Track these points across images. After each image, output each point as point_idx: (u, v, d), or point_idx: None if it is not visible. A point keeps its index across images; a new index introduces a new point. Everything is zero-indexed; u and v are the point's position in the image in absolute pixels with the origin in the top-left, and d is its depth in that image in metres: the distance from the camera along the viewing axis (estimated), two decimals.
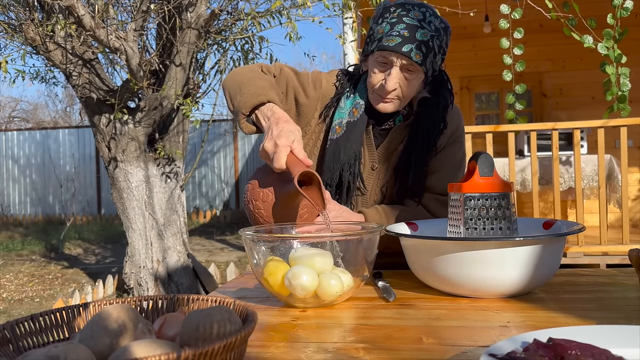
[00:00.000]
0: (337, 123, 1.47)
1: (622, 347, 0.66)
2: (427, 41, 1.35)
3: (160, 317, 0.71)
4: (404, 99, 1.43)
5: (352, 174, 1.46)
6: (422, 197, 1.50)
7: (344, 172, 1.46)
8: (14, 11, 4.32)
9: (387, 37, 1.35)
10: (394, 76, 1.37)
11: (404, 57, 1.35)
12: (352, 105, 1.48)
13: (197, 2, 4.31)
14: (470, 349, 0.78)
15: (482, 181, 1.14)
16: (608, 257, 4.24)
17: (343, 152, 1.45)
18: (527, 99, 6.36)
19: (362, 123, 1.47)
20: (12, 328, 0.66)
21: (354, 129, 1.46)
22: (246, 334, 0.60)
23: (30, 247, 8.13)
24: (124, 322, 0.61)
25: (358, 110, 1.47)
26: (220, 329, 0.60)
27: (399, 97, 1.42)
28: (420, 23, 1.35)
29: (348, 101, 1.49)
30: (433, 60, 1.38)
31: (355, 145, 1.46)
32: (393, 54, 1.35)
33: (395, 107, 1.44)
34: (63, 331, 0.72)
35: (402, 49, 1.33)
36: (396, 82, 1.38)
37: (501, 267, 1.00)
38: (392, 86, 1.38)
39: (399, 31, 1.34)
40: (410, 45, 1.33)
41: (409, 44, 1.33)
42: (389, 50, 1.35)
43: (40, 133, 12.83)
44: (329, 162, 1.46)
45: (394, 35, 1.34)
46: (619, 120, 3.99)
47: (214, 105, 5.08)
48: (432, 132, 1.47)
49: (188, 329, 0.61)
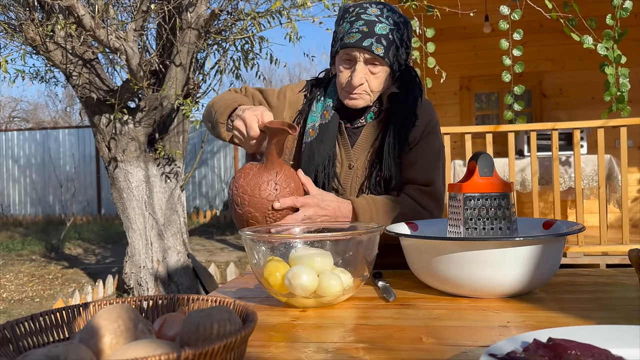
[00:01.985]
0: (310, 126, 1.53)
1: (622, 347, 0.66)
2: (387, 34, 1.41)
3: (160, 317, 0.71)
4: (373, 93, 1.48)
5: (327, 175, 1.50)
6: (401, 189, 1.52)
7: (318, 173, 1.50)
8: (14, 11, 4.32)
9: (347, 35, 1.43)
10: (358, 71, 1.43)
11: (366, 51, 1.41)
12: (323, 108, 1.54)
13: (197, 2, 4.31)
14: (470, 349, 0.78)
15: (482, 181, 1.14)
16: (608, 257, 4.24)
17: (317, 154, 1.50)
18: (527, 99, 6.37)
19: (334, 124, 1.52)
20: (12, 328, 0.66)
21: (327, 130, 1.51)
22: (246, 334, 0.60)
23: (30, 247, 8.13)
24: (124, 322, 0.61)
25: (329, 112, 1.53)
26: (220, 329, 0.60)
27: (367, 92, 1.46)
28: (378, 18, 1.42)
29: (319, 104, 1.55)
30: (396, 54, 1.44)
31: (329, 147, 1.50)
32: (355, 49, 1.41)
33: (365, 102, 1.49)
34: (63, 331, 0.72)
35: (363, 43, 1.40)
36: (361, 76, 1.43)
37: (501, 267, 1.00)
38: (358, 81, 1.43)
39: (359, 27, 1.41)
40: (370, 40, 1.40)
41: (369, 38, 1.40)
42: (350, 47, 1.42)
43: (40, 133, 12.83)
44: (304, 164, 1.50)
45: (354, 32, 1.41)
46: (618, 120, 3.99)
47: None
48: (402, 126, 1.50)
49: (188, 329, 0.61)
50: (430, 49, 3.96)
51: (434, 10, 3.97)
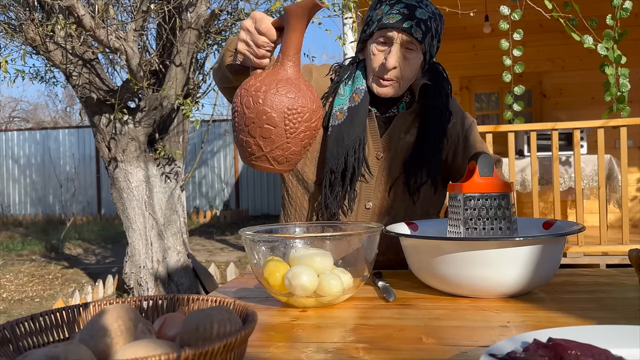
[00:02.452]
0: (337, 109, 1.45)
1: (622, 347, 0.66)
2: (426, 20, 1.38)
3: (161, 317, 0.71)
4: (403, 80, 1.42)
5: (357, 159, 1.43)
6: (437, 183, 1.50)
7: (348, 157, 1.42)
8: (14, 11, 4.32)
9: (387, 15, 1.38)
10: (394, 53, 1.38)
11: (405, 33, 1.36)
12: (351, 91, 1.47)
13: (197, 2, 4.31)
14: (470, 349, 0.78)
15: (482, 181, 1.14)
16: (608, 257, 4.24)
17: (347, 137, 1.42)
18: (527, 99, 6.36)
19: (364, 107, 1.44)
20: (12, 328, 0.66)
21: (357, 113, 1.44)
22: (246, 334, 0.60)
23: (30, 247, 8.13)
24: (124, 322, 0.61)
25: (358, 95, 1.46)
26: (220, 329, 0.60)
27: (397, 79, 1.41)
28: (418, 4, 1.39)
29: (347, 87, 1.48)
30: (431, 43, 1.41)
31: (359, 129, 1.43)
32: (394, 30, 1.37)
33: (394, 91, 1.43)
34: (63, 331, 0.72)
35: (403, 24, 1.36)
36: (396, 59, 1.38)
37: (501, 267, 1.00)
38: (393, 63, 1.38)
39: (399, 10, 1.37)
40: (411, 22, 1.36)
41: (409, 20, 1.36)
42: (389, 28, 1.37)
43: (40, 133, 12.83)
44: (332, 147, 1.43)
45: (395, 13, 1.37)
46: (618, 121, 3.99)
47: (214, 105, 5.09)
48: (440, 121, 1.47)
49: (188, 329, 0.61)
50: None
51: None
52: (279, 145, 1.07)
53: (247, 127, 1.06)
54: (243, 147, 1.10)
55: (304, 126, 1.07)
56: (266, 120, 1.05)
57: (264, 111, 1.04)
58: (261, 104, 1.04)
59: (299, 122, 1.06)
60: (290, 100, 1.05)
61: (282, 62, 1.08)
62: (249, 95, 1.07)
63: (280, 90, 1.05)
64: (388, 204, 1.50)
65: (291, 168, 1.12)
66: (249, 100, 1.06)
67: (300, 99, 1.06)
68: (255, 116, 1.05)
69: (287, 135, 1.06)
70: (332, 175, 1.44)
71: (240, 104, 1.08)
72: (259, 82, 1.07)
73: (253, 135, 1.07)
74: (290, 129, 1.06)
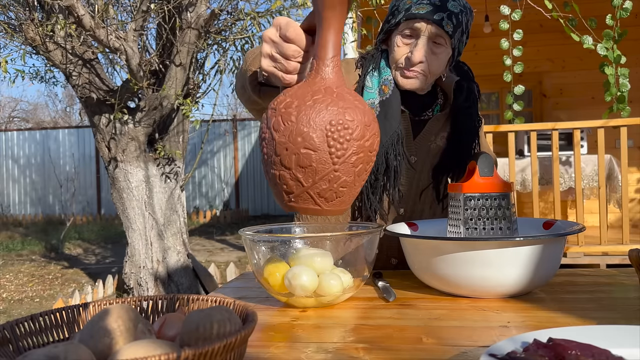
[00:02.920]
0: (368, 104, 1.30)
1: (623, 347, 0.66)
2: (458, 14, 1.28)
3: (160, 317, 0.71)
4: (430, 75, 1.33)
5: (397, 154, 1.33)
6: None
7: (389, 155, 1.32)
8: (14, 11, 4.32)
9: (416, 5, 1.27)
10: (421, 46, 1.28)
11: (435, 25, 1.26)
12: (379, 82, 1.36)
13: (197, 2, 4.31)
14: (471, 349, 0.78)
15: (482, 181, 1.14)
16: (608, 257, 4.24)
17: (383, 133, 1.30)
18: (527, 99, 6.36)
19: (396, 99, 1.33)
20: (12, 328, 0.66)
21: (390, 106, 1.33)
22: (246, 334, 0.60)
23: (30, 247, 8.13)
24: (124, 322, 0.61)
25: (388, 87, 1.34)
26: (220, 329, 0.60)
27: (424, 73, 1.32)
28: None
29: (374, 80, 1.37)
30: (460, 38, 1.31)
31: (395, 124, 1.32)
32: (423, 21, 1.27)
33: (421, 84, 1.33)
34: (63, 331, 0.72)
35: (434, 16, 1.26)
36: (423, 53, 1.29)
37: (501, 267, 1.00)
38: (420, 57, 1.28)
39: (431, 0, 1.27)
40: (442, 14, 1.26)
41: (441, 12, 1.26)
42: (419, 18, 1.27)
43: (40, 133, 12.83)
44: None
45: (425, 4, 1.27)
46: (619, 121, 3.99)
47: (214, 105, 5.08)
48: (473, 124, 1.40)
49: (188, 329, 0.61)
50: None
51: None
52: (323, 175, 0.80)
53: (279, 156, 0.80)
54: (277, 186, 0.83)
55: (355, 146, 0.80)
56: (303, 142, 0.78)
57: (299, 131, 0.78)
58: (294, 122, 0.79)
59: (347, 140, 0.79)
60: (332, 113, 0.79)
61: (318, 69, 0.83)
62: (277, 115, 0.81)
63: (317, 101, 0.80)
64: (419, 210, 1.44)
65: (345, 208, 0.85)
66: (279, 120, 0.81)
67: (347, 110, 0.80)
68: (288, 139, 0.79)
69: (334, 161, 0.80)
70: (372, 176, 1.33)
71: (267, 129, 0.83)
72: (290, 97, 0.82)
73: (288, 167, 0.80)
74: (336, 151, 0.79)
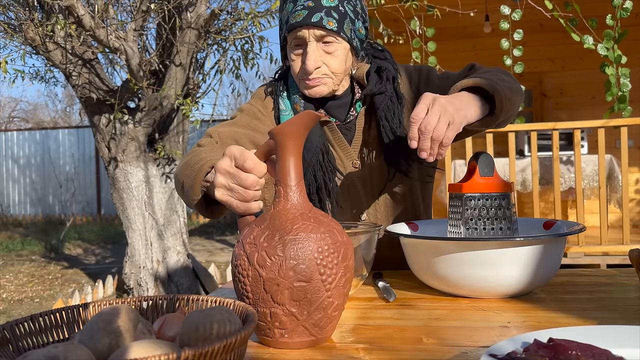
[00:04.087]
0: None
1: (623, 347, 0.66)
2: (336, 6, 1.23)
3: (160, 317, 0.71)
4: (336, 75, 1.28)
5: (327, 170, 1.31)
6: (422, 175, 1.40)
7: (317, 172, 1.31)
8: (14, 11, 4.32)
9: (292, 15, 1.23)
10: (311, 53, 1.24)
11: (316, 28, 1.22)
12: (291, 102, 1.36)
13: (197, 2, 4.31)
14: (471, 349, 0.78)
15: (483, 181, 1.14)
16: (608, 257, 4.24)
17: (306, 152, 1.30)
18: (527, 99, 6.36)
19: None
20: (12, 328, 0.66)
21: None
22: (246, 334, 0.60)
23: (30, 248, 8.13)
24: (124, 322, 0.61)
25: (299, 104, 1.34)
26: (220, 329, 0.60)
27: (328, 76, 1.28)
28: None
29: (286, 101, 1.37)
30: (352, 28, 1.26)
31: (315, 140, 1.30)
32: (303, 29, 1.22)
33: (329, 88, 1.30)
34: (63, 331, 0.72)
35: (311, 19, 1.21)
36: (316, 58, 1.24)
37: (501, 267, 1.00)
38: (313, 64, 1.24)
39: (303, 4, 1.22)
40: (319, 14, 1.21)
41: (317, 12, 1.21)
42: (297, 27, 1.22)
43: (40, 133, 12.83)
44: None
45: (299, 10, 1.22)
46: (619, 121, 3.99)
47: (214, 105, 5.09)
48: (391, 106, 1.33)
49: (188, 329, 0.61)
50: (430, 48, 3.96)
51: (434, 9, 3.97)
52: (318, 304, 0.79)
53: (269, 293, 0.78)
54: (267, 324, 0.80)
55: (343, 268, 0.81)
56: (295, 275, 0.78)
57: (289, 265, 0.77)
58: (282, 257, 0.78)
59: (336, 265, 0.80)
60: (317, 240, 0.80)
61: (286, 195, 0.84)
62: (260, 250, 0.79)
63: (300, 230, 0.80)
64: (384, 209, 1.40)
65: (332, 331, 0.85)
66: (263, 256, 0.79)
67: (328, 234, 0.81)
68: (278, 274, 0.78)
69: (327, 287, 0.80)
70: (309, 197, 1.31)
71: (248, 266, 0.80)
72: (268, 230, 0.81)
73: (280, 303, 0.78)
74: (327, 277, 0.79)
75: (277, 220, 0.82)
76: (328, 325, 0.82)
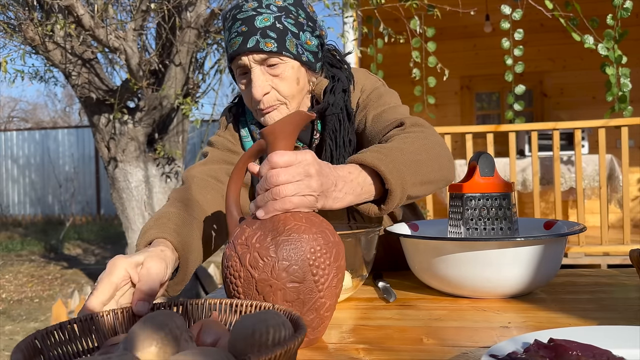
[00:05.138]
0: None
1: (624, 347, 0.65)
2: (273, 24, 1.15)
3: (197, 323, 0.67)
4: (288, 98, 1.19)
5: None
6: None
7: None
8: (14, 11, 4.32)
9: (229, 43, 1.18)
10: (256, 80, 1.16)
11: (254, 53, 1.15)
12: (248, 131, 1.33)
13: (197, 2, 4.31)
14: (471, 349, 0.77)
15: (483, 181, 1.14)
16: (609, 257, 4.24)
17: None
18: (527, 99, 6.37)
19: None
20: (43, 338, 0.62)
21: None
22: (302, 338, 0.57)
23: (29, 248, 8.13)
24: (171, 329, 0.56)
25: (255, 131, 1.31)
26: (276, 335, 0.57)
27: (280, 101, 1.19)
28: (256, 11, 1.15)
29: (245, 128, 1.33)
30: (298, 42, 1.17)
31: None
32: (242, 56, 1.16)
33: (283, 113, 1.20)
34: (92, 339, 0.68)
35: (247, 45, 1.14)
36: (261, 84, 1.16)
37: (502, 267, 1.00)
38: (260, 91, 1.16)
39: (237, 30, 1.16)
40: (255, 37, 1.14)
41: (252, 36, 1.14)
42: (236, 56, 1.17)
43: (39, 133, 12.84)
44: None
45: (234, 37, 1.16)
46: (620, 120, 3.99)
47: (214, 105, 5.09)
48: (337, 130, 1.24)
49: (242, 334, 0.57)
50: (430, 48, 3.96)
51: (434, 9, 3.96)
52: (311, 305, 0.79)
53: (262, 294, 0.77)
54: None
55: (335, 268, 0.80)
56: (288, 276, 0.77)
57: (282, 266, 0.77)
58: (274, 257, 0.77)
59: (328, 265, 0.79)
60: (309, 240, 0.78)
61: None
62: (252, 251, 0.78)
63: (292, 231, 0.79)
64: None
65: (324, 332, 0.85)
66: (255, 257, 0.78)
67: (320, 234, 0.80)
68: (271, 275, 0.77)
69: (319, 288, 0.79)
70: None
71: (240, 267, 0.79)
72: (260, 230, 0.80)
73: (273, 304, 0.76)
74: (320, 278, 0.79)
75: (269, 221, 0.81)
76: (320, 326, 0.81)
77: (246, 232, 0.81)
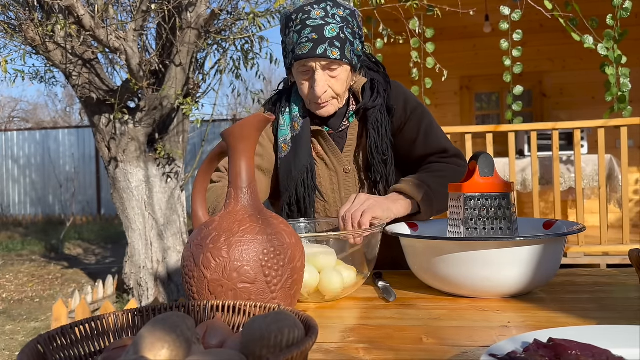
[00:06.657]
0: (282, 141, 1.48)
1: (623, 347, 0.66)
2: (338, 35, 1.35)
3: (202, 325, 0.67)
4: (340, 96, 1.43)
5: (307, 187, 1.44)
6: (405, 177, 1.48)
7: (298, 187, 1.44)
8: (14, 11, 4.31)
9: (298, 46, 1.35)
10: (319, 81, 1.37)
11: (321, 59, 1.35)
12: (290, 119, 1.49)
13: (197, 2, 4.31)
14: (471, 349, 0.78)
15: (483, 181, 1.14)
16: (608, 257, 4.24)
17: (294, 169, 1.44)
18: (527, 99, 6.37)
19: (305, 135, 1.46)
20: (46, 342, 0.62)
21: (300, 142, 1.46)
22: (315, 338, 0.57)
23: (30, 247, 8.13)
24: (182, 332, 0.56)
25: (297, 123, 1.48)
26: (290, 335, 0.57)
27: (334, 97, 1.42)
28: (324, 20, 1.34)
29: (286, 116, 1.50)
30: (352, 50, 1.38)
31: (304, 159, 1.45)
32: (310, 59, 1.35)
33: (335, 107, 1.44)
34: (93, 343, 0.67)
35: (317, 52, 1.33)
36: (323, 85, 1.38)
37: (501, 267, 1.00)
38: (321, 91, 1.38)
39: (308, 36, 1.34)
40: (324, 46, 1.33)
41: (322, 45, 1.33)
42: (304, 59, 1.35)
43: (40, 133, 12.83)
44: (283, 181, 1.45)
45: (304, 42, 1.34)
46: (619, 120, 3.99)
47: (214, 105, 5.08)
48: (378, 121, 1.45)
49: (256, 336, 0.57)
50: (429, 49, 3.96)
51: (434, 9, 3.97)
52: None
53: (213, 294, 0.79)
54: None
55: (289, 270, 0.83)
56: (239, 277, 0.78)
57: (233, 266, 0.78)
58: (226, 258, 0.78)
59: (282, 267, 0.82)
60: (263, 241, 0.80)
61: (237, 197, 0.85)
62: (205, 251, 0.80)
63: (246, 232, 0.81)
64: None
65: None
66: (208, 257, 0.79)
67: (275, 236, 0.82)
68: (222, 276, 0.78)
69: (272, 289, 0.81)
70: (288, 208, 1.46)
71: (194, 267, 0.80)
72: (215, 231, 0.81)
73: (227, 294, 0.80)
74: (273, 279, 0.81)
75: (225, 221, 0.82)
76: None
77: (202, 233, 0.83)
